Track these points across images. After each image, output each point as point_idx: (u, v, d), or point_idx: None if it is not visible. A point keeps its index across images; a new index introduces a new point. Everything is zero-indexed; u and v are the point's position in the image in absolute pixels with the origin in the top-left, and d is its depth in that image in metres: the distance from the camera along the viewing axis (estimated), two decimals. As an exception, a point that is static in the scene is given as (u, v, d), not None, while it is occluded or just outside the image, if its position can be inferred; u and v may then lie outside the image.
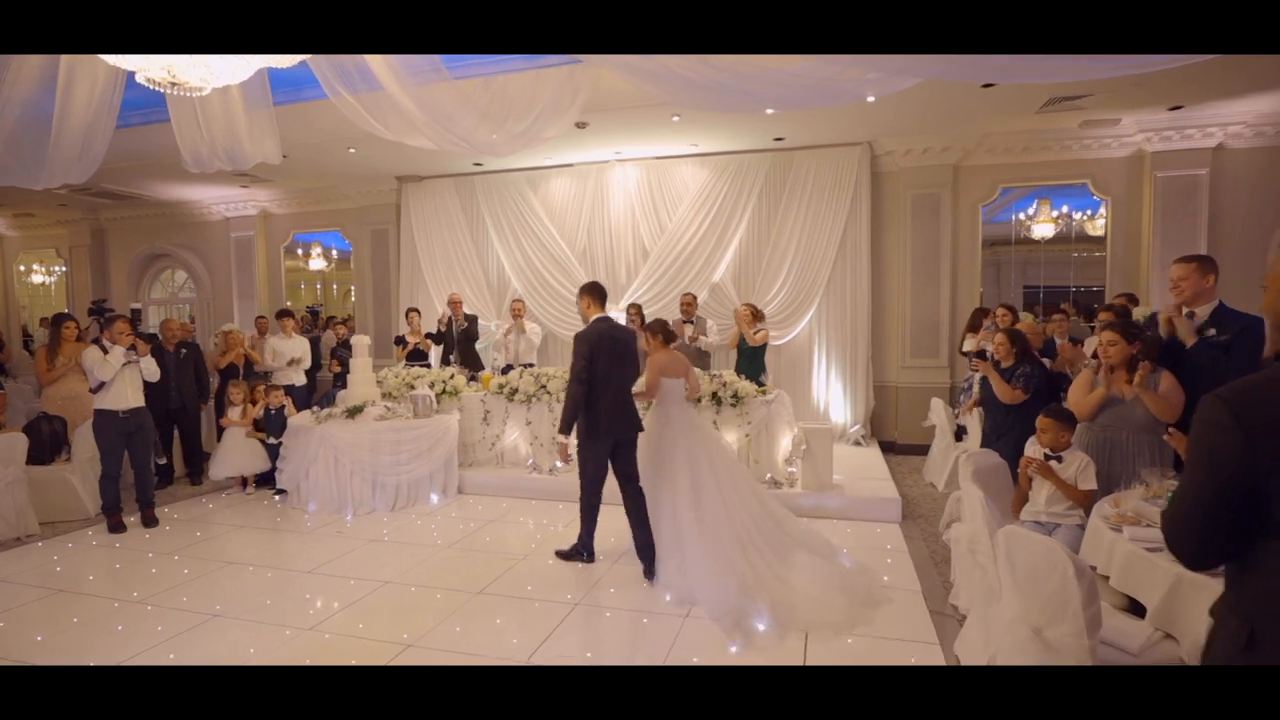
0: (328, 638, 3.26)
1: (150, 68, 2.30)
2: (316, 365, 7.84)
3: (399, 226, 9.18)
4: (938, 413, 6.09)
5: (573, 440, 4.06)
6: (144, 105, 5.59)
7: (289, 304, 9.62)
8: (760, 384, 5.92)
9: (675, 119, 6.42)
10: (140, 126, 6.23)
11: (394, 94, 3.60)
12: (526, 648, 3.14)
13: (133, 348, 5.03)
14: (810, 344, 7.71)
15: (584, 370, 3.92)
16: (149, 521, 5.15)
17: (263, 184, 8.99)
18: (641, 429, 4.13)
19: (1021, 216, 7.76)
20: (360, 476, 5.45)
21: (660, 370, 4.15)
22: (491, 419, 6.14)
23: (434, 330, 7.71)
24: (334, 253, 10.77)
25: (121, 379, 4.98)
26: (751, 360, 6.48)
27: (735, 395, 5.50)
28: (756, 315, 6.37)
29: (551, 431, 5.96)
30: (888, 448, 7.36)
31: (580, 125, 6.18)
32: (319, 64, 3.35)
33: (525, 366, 6.96)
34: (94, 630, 3.41)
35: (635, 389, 4.21)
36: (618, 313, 7.96)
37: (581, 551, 4.25)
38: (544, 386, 5.96)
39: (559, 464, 5.91)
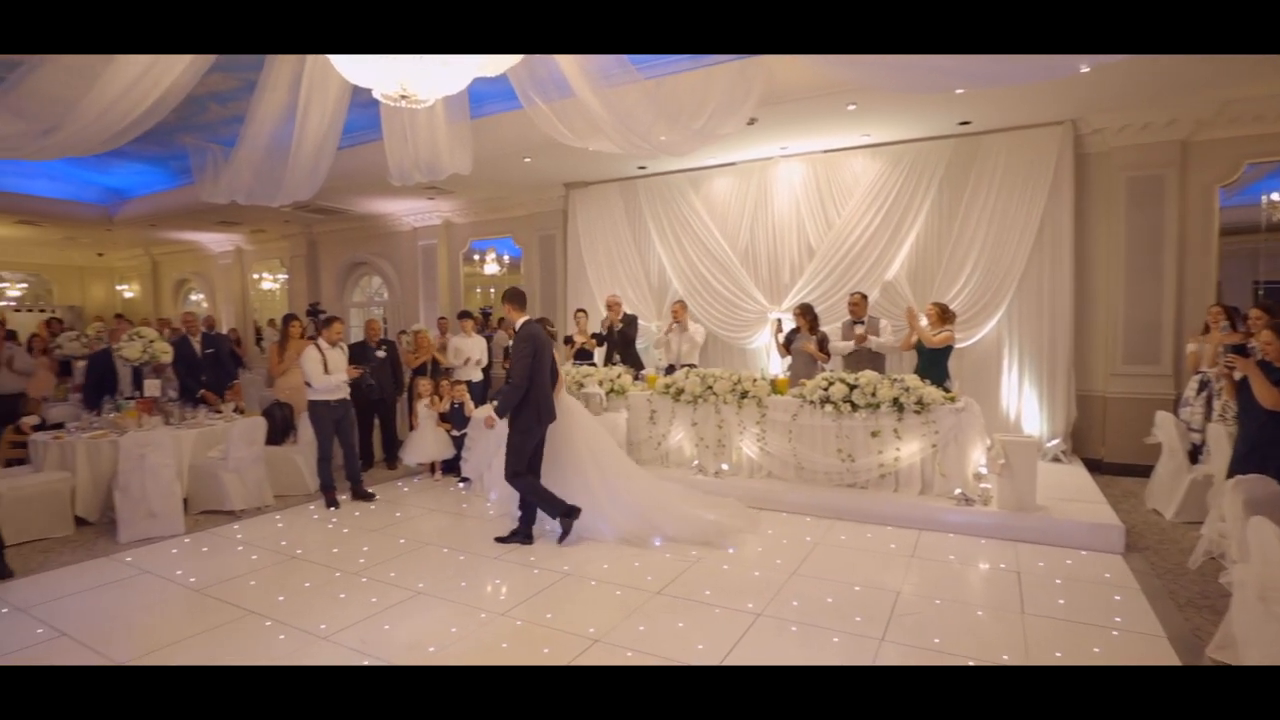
0: (519, 624, 3.40)
1: (385, 83, 2.51)
2: (490, 363, 8.37)
3: (565, 231, 9.57)
4: (1165, 428, 5.25)
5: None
6: (355, 129, 6.25)
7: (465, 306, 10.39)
8: (946, 390, 5.43)
9: (851, 107, 6.08)
10: (351, 148, 6.98)
11: (583, 97, 3.71)
12: (712, 654, 3.07)
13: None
14: (999, 347, 6.99)
15: (529, 367, 4.49)
16: (360, 496, 5.82)
17: (446, 196, 9.77)
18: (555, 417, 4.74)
19: (1277, 198, 6.50)
20: (534, 469, 5.70)
21: None
22: (658, 418, 6.18)
23: (599, 331, 7.93)
24: (506, 258, 11.48)
25: (332, 373, 5.66)
26: (932, 364, 5.96)
27: (919, 401, 5.09)
28: (944, 315, 5.86)
29: (718, 434, 5.89)
30: (1093, 466, 6.46)
31: (751, 121, 6.04)
32: (518, 74, 3.52)
33: (687, 367, 6.94)
34: (321, 596, 3.81)
35: None
36: (782, 314, 7.74)
37: (524, 533, 4.67)
38: (710, 388, 5.89)
39: (724, 466, 5.83)
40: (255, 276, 13.87)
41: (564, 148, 6.87)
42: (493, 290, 12.44)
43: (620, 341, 7.62)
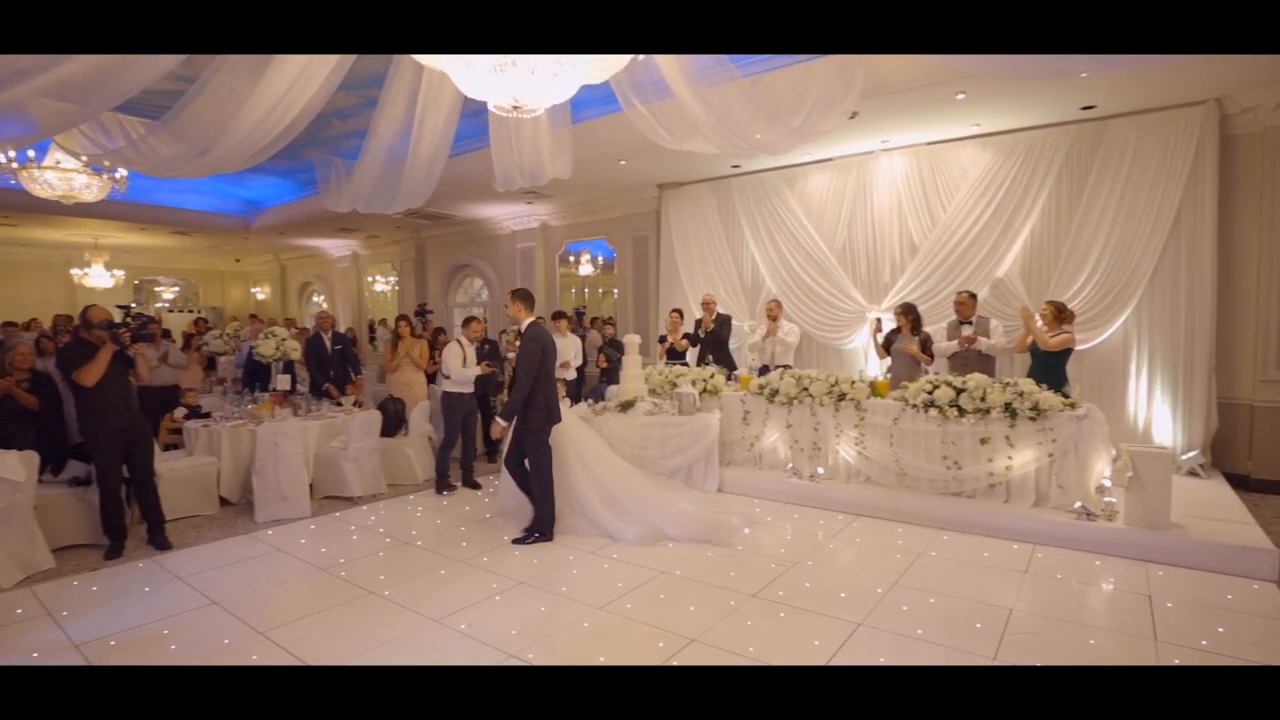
0: (618, 619, 3.48)
1: (499, 95, 2.65)
2: (583, 362, 8.58)
3: (658, 232, 9.66)
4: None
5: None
6: (462, 138, 6.58)
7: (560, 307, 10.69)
8: (1065, 395, 5.07)
9: (960, 96, 5.79)
10: (458, 156, 7.36)
11: (682, 97, 3.74)
12: (811, 662, 3.02)
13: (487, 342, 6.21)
14: (1125, 349, 6.44)
15: (536, 368, 4.53)
16: (470, 484, 6.19)
17: (544, 199, 10.09)
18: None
19: None
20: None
21: None
22: (751, 419, 6.13)
23: (691, 331, 7.95)
24: (600, 259, 11.72)
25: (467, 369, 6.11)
26: (1049, 367, 5.56)
27: (1035, 407, 4.78)
28: (1061, 315, 5.47)
29: (814, 437, 5.77)
30: (1238, 482, 5.84)
31: (852, 115, 5.86)
32: (618, 78, 3.60)
33: (781, 367, 6.83)
34: (431, 580, 4.05)
35: None
36: (881, 313, 7.47)
37: (545, 529, 4.70)
38: (806, 389, 5.78)
39: (820, 470, 5.71)
40: (369, 279, 14.86)
41: (659, 149, 6.95)
42: (586, 290, 12.73)
43: (713, 342, 7.60)
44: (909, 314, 6.27)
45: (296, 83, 3.98)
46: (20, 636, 3.40)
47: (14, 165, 6.33)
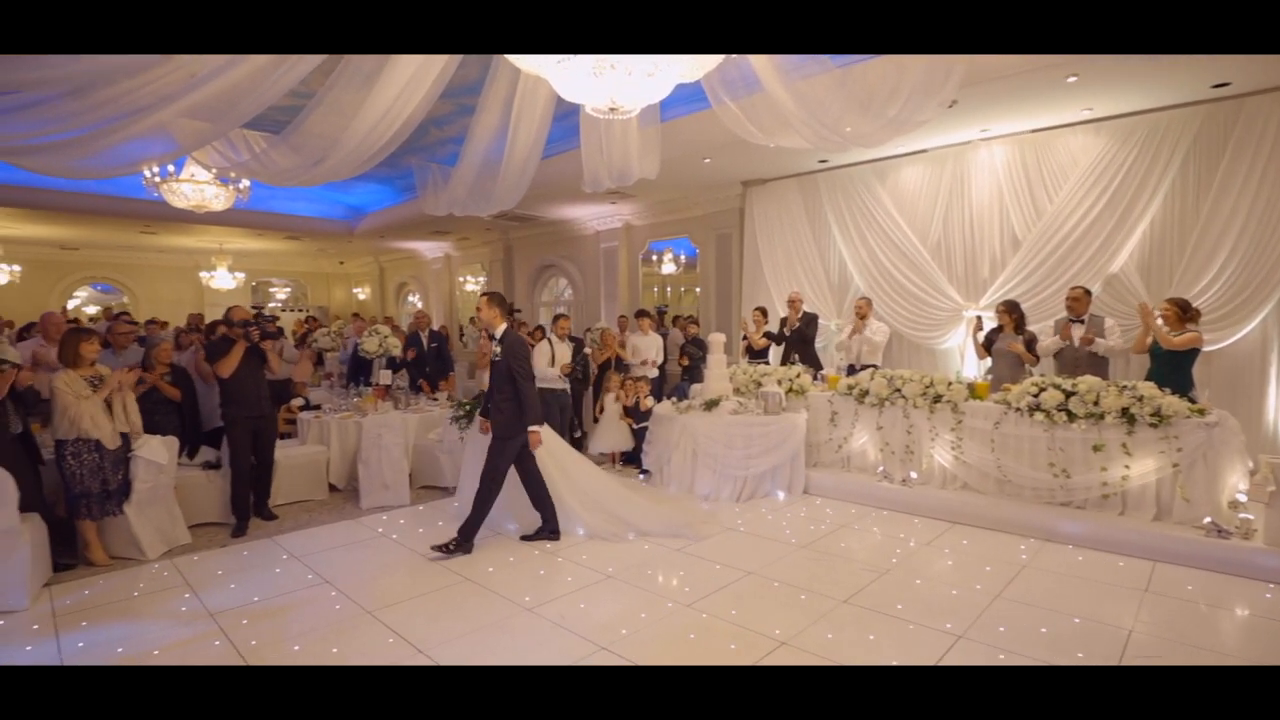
0: (705, 617, 3.49)
1: (597, 98, 2.72)
2: (665, 359, 8.62)
3: (742, 230, 9.57)
4: None
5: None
6: (551, 141, 6.76)
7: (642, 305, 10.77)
8: (1191, 400, 4.66)
9: (1071, 79, 5.43)
10: (547, 159, 7.54)
11: (772, 91, 3.69)
12: (905, 671, 2.93)
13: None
14: (1264, 351, 5.85)
15: (530, 369, 4.56)
16: None
17: (628, 199, 10.20)
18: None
19: None
20: (710, 466, 5.78)
21: None
22: (839, 420, 5.98)
23: (774, 330, 7.84)
24: (682, 257, 11.74)
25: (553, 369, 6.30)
26: (1173, 369, 5.11)
27: (1156, 413, 4.42)
28: (1185, 314, 5.03)
29: (906, 440, 5.57)
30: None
31: (951, 104, 5.60)
32: (709, 75, 3.59)
33: (868, 367, 6.62)
34: (522, 571, 4.20)
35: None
36: (981, 311, 7.11)
37: (466, 542, 4.51)
38: (898, 390, 5.58)
39: (913, 474, 5.50)
40: (460, 279, 15.49)
41: (744, 146, 6.88)
42: (669, 289, 12.78)
43: (799, 340, 7.46)
44: (1012, 312, 5.94)
45: (401, 95, 4.21)
46: (165, 603, 3.77)
47: (157, 180, 7.02)
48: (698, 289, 10.87)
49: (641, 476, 6.56)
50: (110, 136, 4.12)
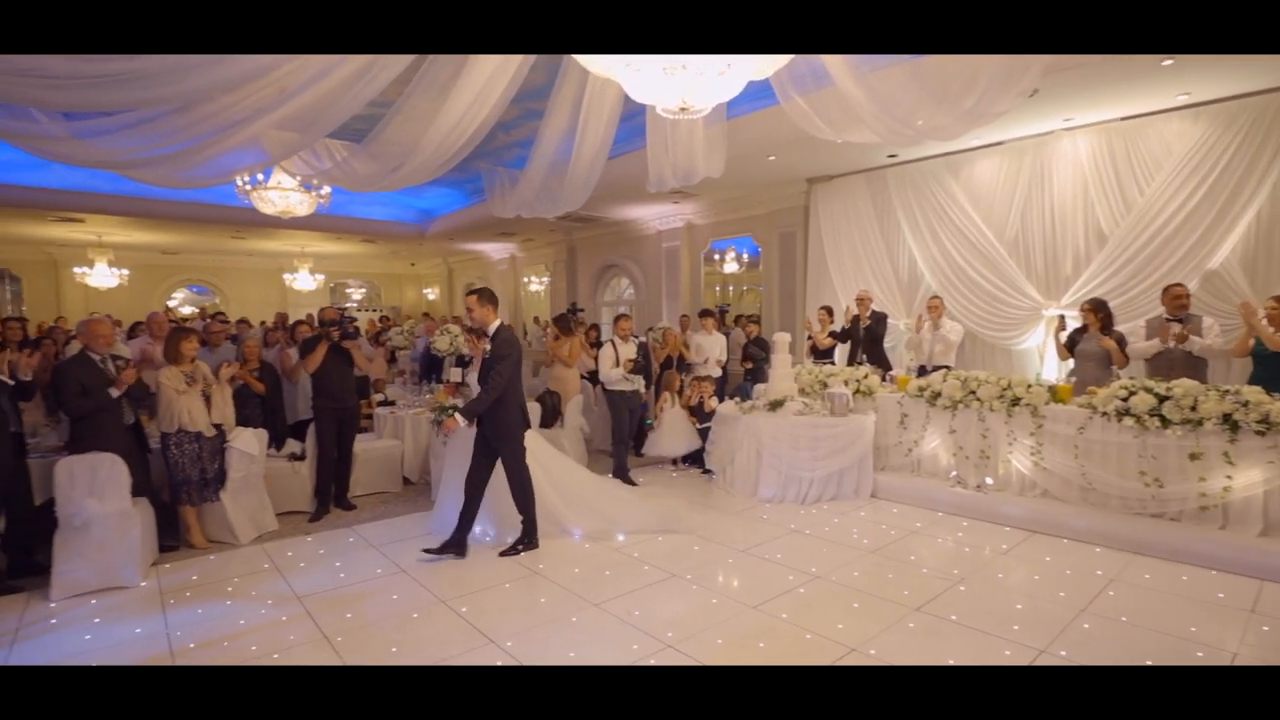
0: (775, 620, 3.46)
1: (668, 98, 2.74)
2: (728, 359, 8.57)
3: (806, 228, 9.42)
4: None
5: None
6: (615, 142, 6.83)
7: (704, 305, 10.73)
8: (1304, 406, 4.30)
9: (1167, 62, 5.10)
10: (612, 160, 7.62)
11: (843, 85, 3.62)
12: (982, 683, 2.83)
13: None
14: (1390, 353, 5.33)
15: (510, 373, 4.33)
16: (625, 481, 6.32)
17: (690, 199, 10.19)
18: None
19: None
20: (775, 467, 5.71)
21: None
22: (909, 423, 5.81)
23: (839, 329, 7.68)
24: (745, 256, 11.64)
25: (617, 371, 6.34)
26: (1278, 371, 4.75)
27: (1265, 420, 4.10)
28: (1298, 311, 4.65)
29: (981, 444, 5.36)
30: None
31: (1032, 93, 5.35)
32: (777, 72, 3.56)
33: (941, 369, 6.40)
34: (590, 567, 4.26)
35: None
36: (1063, 310, 6.77)
37: (531, 539, 4.53)
38: (973, 392, 5.38)
39: (988, 480, 5.30)
40: (525, 279, 15.83)
41: (810, 142, 6.77)
42: (730, 288, 12.69)
43: (867, 340, 7.28)
44: (1098, 311, 5.62)
45: (474, 101, 4.34)
46: (256, 586, 4.02)
47: (248, 188, 7.48)
48: (760, 288, 10.76)
49: (704, 476, 6.55)
50: (210, 149, 4.42)
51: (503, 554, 4.47)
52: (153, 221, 11.52)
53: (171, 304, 16.13)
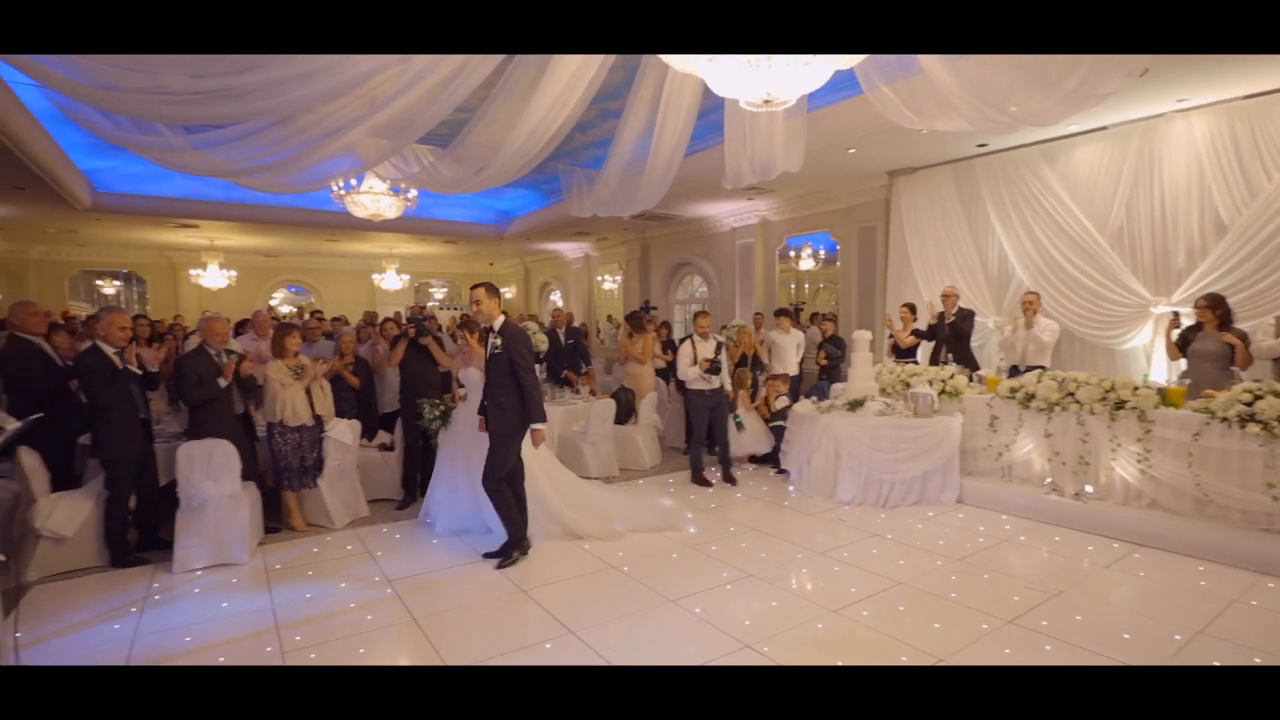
0: (854, 625, 3.37)
1: (752, 92, 2.71)
2: (803, 357, 8.40)
3: (887, 222, 9.10)
4: None
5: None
6: (693, 139, 6.81)
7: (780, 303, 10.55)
8: None
9: (1301, 35, 4.62)
10: (688, 157, 7.60)
11: (931, 71, 3.47)
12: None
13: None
14: None
15: (532, 362, 4.33)
16: (728, 479, 6.25)
17: (765, 195, 10.04)
18: None
19: None
20: (854, 469, 5.56)
21: None
22: (999, 426, 5.52)
23: (922, 327, 7.39)
24: (821, 253, 11.37)
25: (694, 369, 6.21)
26: None
27: None
28: None
29: (1080, 449, 5.04)
30: None
31: (1143, 72, 4.98)
32: (863, 61, 3.45)
33: (1034, 369, 6.04)
34: (662, 562, 4.28)
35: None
36: (1175, 307, 6.27)
37: (520, 545, 4.38)
38: (1071, 394, 5.06)
39: (1088, 488, 4.97)
40: (599, 278, 16.03)
41: (892, 134, 6.55)
42: (806, 285, 12.43)
43: (953, 338, 6.97)
44: (1216, 307, 5.17)
45: (555, 103, 4.44)
46: (349, 568, 4.26)
47: (342, 193, 7.91)
48: (836, 284, 10.48)
49: (778, 474, 6.45)
50: (309, 157, 4.70)
51: (487, 555, 4.42)
52: (257, 226, 12.37)
53: (272, 303, 17.26)
